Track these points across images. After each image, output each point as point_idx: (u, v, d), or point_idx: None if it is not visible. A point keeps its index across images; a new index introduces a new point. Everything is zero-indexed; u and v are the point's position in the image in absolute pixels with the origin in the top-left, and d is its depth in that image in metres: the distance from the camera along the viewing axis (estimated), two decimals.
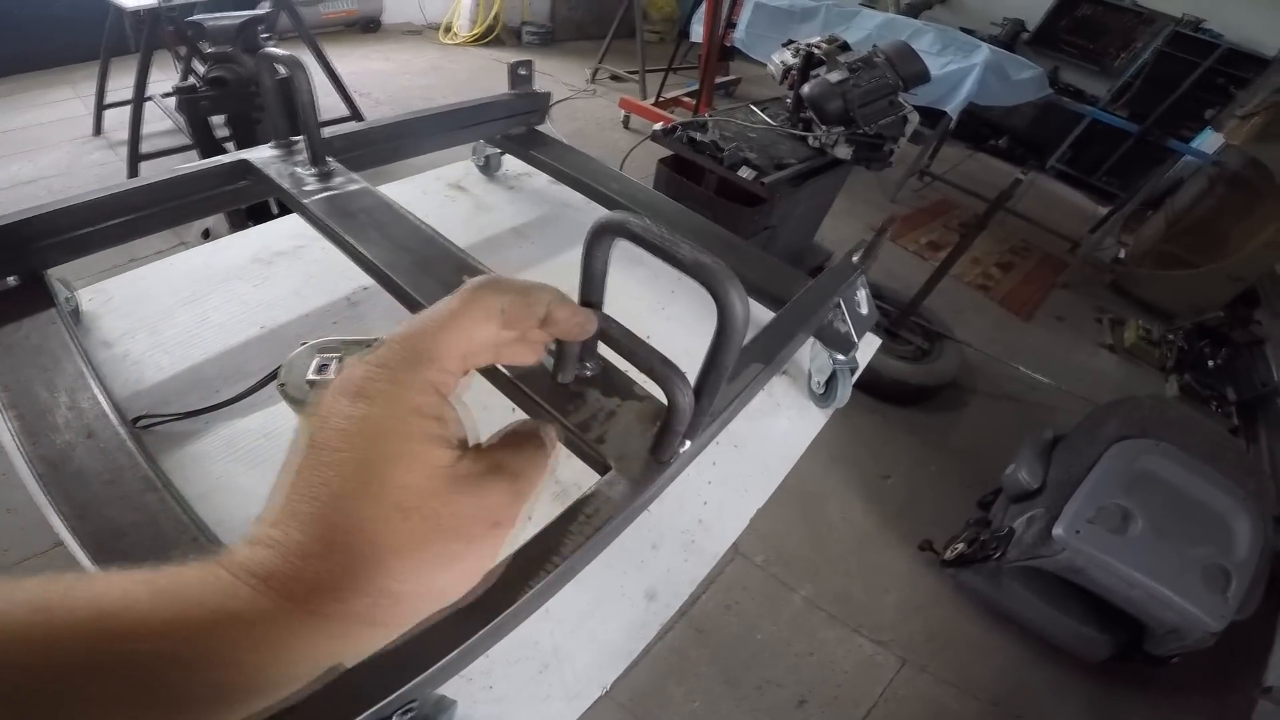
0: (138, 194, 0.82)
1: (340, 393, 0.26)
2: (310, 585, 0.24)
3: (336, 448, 0.25)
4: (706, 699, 1.74)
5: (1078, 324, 3.71)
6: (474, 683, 0.63)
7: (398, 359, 0.27)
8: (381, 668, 0.43)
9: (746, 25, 3.77)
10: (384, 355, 0.27)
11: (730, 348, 0.41)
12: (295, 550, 0.24)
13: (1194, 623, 1.61)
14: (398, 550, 0.25)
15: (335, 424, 0.25)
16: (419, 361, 0.27)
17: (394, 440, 0.25)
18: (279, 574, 0.23)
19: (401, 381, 0.26)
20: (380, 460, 0.25)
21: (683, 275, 0.39)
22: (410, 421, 0.26)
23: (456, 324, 0.28)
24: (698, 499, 0.85)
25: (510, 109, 1.20)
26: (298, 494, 0.25)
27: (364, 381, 0.26)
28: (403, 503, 0.25)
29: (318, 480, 0.24)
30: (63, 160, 3.11)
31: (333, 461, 0.25)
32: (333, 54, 3.47)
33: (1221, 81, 4.69)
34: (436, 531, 0.26)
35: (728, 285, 0.38)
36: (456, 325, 0.28)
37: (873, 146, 2.25)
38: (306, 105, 0.82)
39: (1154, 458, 1.85)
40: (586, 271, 0.44)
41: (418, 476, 0.26)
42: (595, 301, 0.45)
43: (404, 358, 0.27)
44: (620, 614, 0.73)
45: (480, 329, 0.29)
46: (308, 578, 0.24)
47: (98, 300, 0.93)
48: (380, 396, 0.26)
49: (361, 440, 0.25)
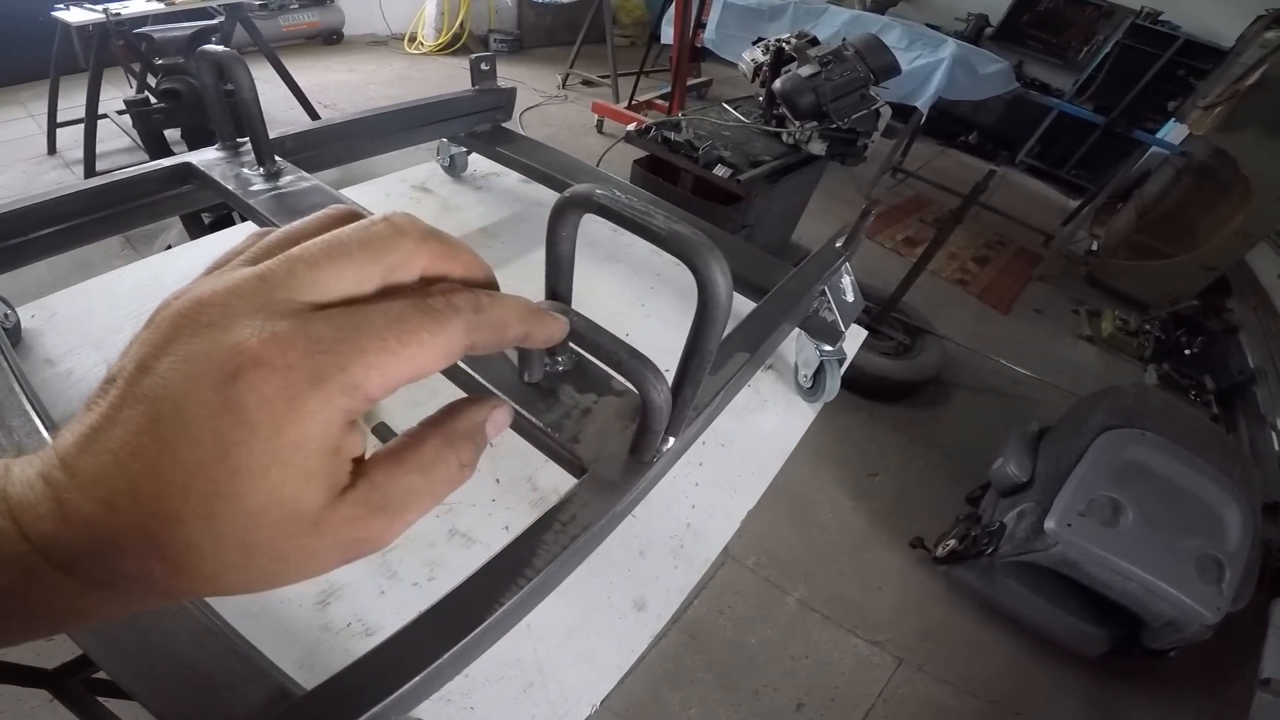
0: (72, 200, 0.76)
1: (213, 371, 0.19)
2: (82, 555, 0.19)
3: (188, 432, 0.19)
4: (703, 706, 1.70)
5: (1056, 316, 3.73)
6: (453, 704, 0.60)
7: (306, 372, 0.20)
8: (345, 691, 0.39)
9: (716, 25, 3.77)
10: (286, 353, 0.20)
11: (714, 327, 0.37)
12: (82, 521, 0.19)
13: (1190, 615, 1.59)
14: (215, 574, 0.20)
15: (196, 401, 0.19)
16: (336, 389, 0.20)
17: (259, 476, 0.20)
18: (53, 536, 0.19)
19: (302, 410, 0.20)
20: (230, 485, 0.19)
21: (661, 271, 0.35)
22: (292, 458, 0.20)
23: (403, 349, 0.22)
24: (685, 501, 0.81)
25: (474, 105, 1.15)
26: (115, 460, 0.19)
27: (247, 381, 0.19)
28: (246, 540, 0.20)
29: (149, 455, 0.19)
30: (18, 181, 3.01)
31: (179, 450, 0.19)
32: (295, 67, 3.42)
33: (1182, 73, 4.78)
34: (271, 566, 0.21)
35: (708, 257, 0.34)
36: (402, 350, 0.21)
37: (846, 141, 2.24)
38: (249, 102, 0.77)
39: (1141, 447, 1.84)
40: (552, 255, 0.39)
41: (274, 519, 0.20)
42: (563, 290, 0.41)
43: (314, 373, 0.20)
44: (608, 627, 0.69)
45: (433, 365, 0.23)
46: (82, 547, 0.19)
47: (40, 317, 0.89)
48: (263, 413, 0.19)
49: (220, 447, 0.19)
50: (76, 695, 0.87)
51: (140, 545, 0.19)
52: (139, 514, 0.19)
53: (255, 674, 0.46)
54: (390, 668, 0.40)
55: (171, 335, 0.20)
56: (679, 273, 0.32)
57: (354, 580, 0.66)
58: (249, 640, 0.49)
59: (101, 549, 0.19)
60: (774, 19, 3.65)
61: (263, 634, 0.55)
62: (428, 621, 0.41)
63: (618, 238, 1.18)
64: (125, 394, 0.20)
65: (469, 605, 0.41)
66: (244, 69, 0.77)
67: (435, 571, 0.68)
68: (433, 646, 0.40)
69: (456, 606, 0.41)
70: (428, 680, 0.40)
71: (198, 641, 0.46)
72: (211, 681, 0.45)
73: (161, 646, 0.46)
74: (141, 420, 0.19)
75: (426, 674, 0.40)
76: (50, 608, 0.20)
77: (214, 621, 0.48)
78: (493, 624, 0.41)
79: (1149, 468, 1.80)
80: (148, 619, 0.47)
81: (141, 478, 0.19)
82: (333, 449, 0.21)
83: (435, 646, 0.40)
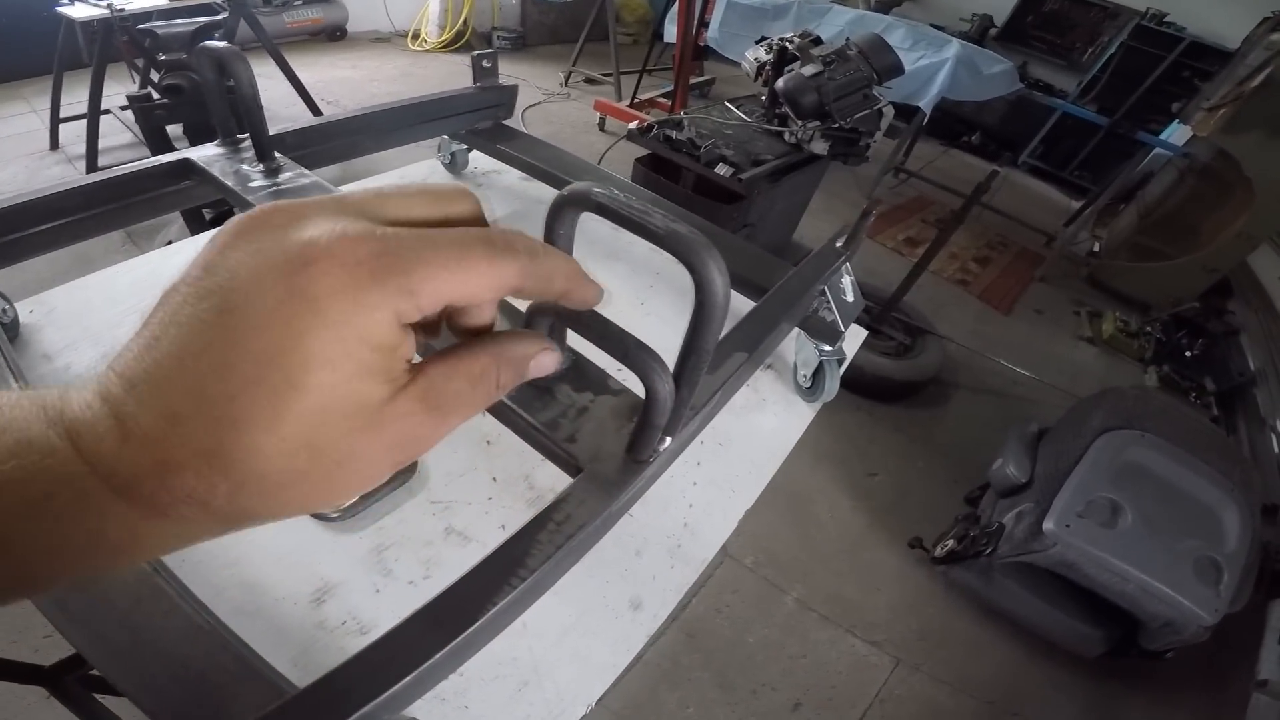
0: (70, 195, 0.76)
1: (284, 261, 0.20)
2: (143, 475, 0.19)
3: (259, 321, 0.19)
4: (700, 705, 1.69)
5: (1056, 317, 3.73)
6: (447, 702, 0.60)
7: (371, 269, 0.20)
8: (337, 689, 0.39)
9: (719, 24, 3.75)
10: (356, 249, 0.20)
11: (711, 327, 0.37)
12: (142, 436, 0.19)
13: (1188, 616, 1.59)
14: (278, 485, 0.20)
15: (266, 288, 0.19)
16: (395, 289, 0.21)
17: (329, 367, 0.20)
18: (113, 455, 0.19)
19: (364, 302, 0.20)
20: (302, 377, 0.19)
21: (661, 270, 0.34)
22: (357, 351, 0.20)
23: (460, 269, 0.22)
24: (683, 501, 0.81)
25: (475, 103, 1.15)
26: (179, 363, 0.19)
27: (318, 269, 0.20)
28: (312, 439, 0.20)
29: (217, 350, 0.19)
30: (20, 176, 3.00)
31: (249, 340, 0.19)
32: (298, 63, 3.41)
33: (1187, 74, 4.76)
34: (333, 469, 0.21)
35: (705, 256, 0.33)
36: (459, 270, 0.22)
37: (849, 141, 2.23)
38: (249, 98, 0.77)
39: (1140, 449, 1.83)
40: None
41: (339, 414, 0.21)
42: None
43: (379, 270, 0.20)
44: (604, 626, 0.69)
45: (484, 292, 0.24)
46: (143, 465, 0.19)
47: (39, 312, 0.89)
48: (332, 301, 0.20)
49: (291, 334, 0.19)
50: (73, 692, 0.87)
51: (203, 460, 0.19)
52: (203, 421, 0.19)
53: (248, 672, 0.46)
54: (383, 666, 0.39)
55: (239, 234, 0.21)
56: (679, 271, 0.32)
57: (349, 578, 0.66)
58: (242, 639, 0.49)
59: (162, 467, 0.19)
60: (777, 18, 3.64)
61: (257, 632, 0.55)
62: (421, 620, 0.41)
63: (617, 236, 1.17)
64: (189, 295, 0.20)
65: (462, 604, 0.40)
66: (244, 64, 0.76)
67: (431, 570, 0.68)
68: (426, 645, 0.40)
69: (450, 605, 0.41)
70: (420, 679, 0.40)
71: (190, 639, 0.46)
72: (204, 679, 0.45)
73: (154, 644, 0.46)
74: (208, 314, 0.19)
75: (419, 673, 0.39)
76: (103, 539, 0.20)
77: (206, 620, 0.48)
78: (486, 623, 0.40)
79: (1148, 469, 1.79)
80: (140, 616, 0.47)
81: (207, 377, 0.19)
82: (393, 345, 0.22)
83: (428, 645, 0.40)
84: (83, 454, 0.19)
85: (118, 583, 0.48)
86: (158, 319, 0.20)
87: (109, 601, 0.47)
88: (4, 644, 1.37)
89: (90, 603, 0.47)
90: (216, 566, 0.63)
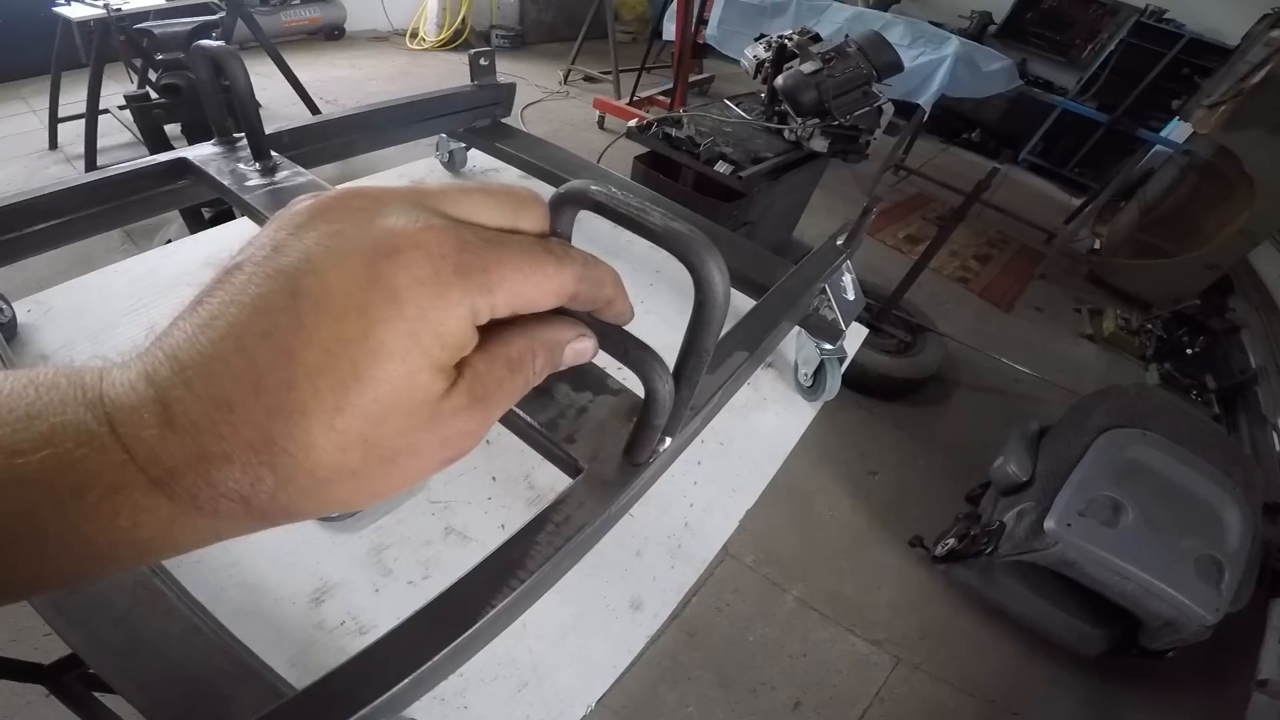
0: (66, 196, 0.76)
1: (370, 247, 0.19)
2: (186, 466, 0.18)
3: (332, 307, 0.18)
4: (700, 703, 1.69)
5: (1057, 314, 3.72)
6: (447, 703, 0.60)
7: (455, 264, 0.20)
8: (336, 691, 0.38)
9: (718, 22, 3.75)
10: (442, 243, 0.20)
11: (710, 327, 0.37)
12: (190, 424, 0.18)
13: (1189, 615, 1.59)
14: (325, 482, 0.20)
15: (346, 274, 0.19)
16: (476, 287, 0.21)
17: (397, 360, 0.19)
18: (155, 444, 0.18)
19: (447, 297, 0.20)
20: (369, 368, 0.19)
21: (661, 268, 0.34)
22: (429, 346, 0.20)
23: (534, 273, 0.23)
24: (683, 500, 0.81)
25: (473, 100, 1.14)
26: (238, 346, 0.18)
27: (405, 258, 0.19)
28: (370, 435, 0.19)
29: (282, 335, 0.18)
30: (19, 176, 3.00)
31: (319, 327, 0.18)
32: (296, 63, 3.40)
33: (1186, 71, 4.75)
34: (384, 466, 0.21)
35: (704, 255, 0.33)
36: (533, 274, 0.23)
37: (848, 138, 2.23)
38: (244, 96, 0.77)
39: (1142, 447, 1.83)
40: None
41: (400, 410, 0.20)
42: None
43: (462, 267, 0.20)
44: (604, 627, 0.68)
45: (548, 299, 0.24)
46: (187, 456, 0.18)
47: (36, 312, 0.88)
48: (413, 293, 0.19)
49: (364, 324, 0.19)
50: (73, 691, 0.87)
51: (252, 452, 0.18)
52: (258, 410, 0.18)
53: (246, 673, 0.46)
54: (382, 668, 0.39)
55: (316, 216, 0.20)
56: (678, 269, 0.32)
57: (348, 578, 0.66)
58: (241, 639, 0.49)
59: (208, 460, 0.18)
60: (776, 15, 3.63)
61: (256, 633, 0.54)
62: (419, 622, 0.41)
63: (617, 234, 1.16)
64: (255, 274, 0.19)
65: (461, 606, 0.40)
66: (239, 63, 0.76)
67: (430, 570, 0.68)
68: (424, 647, 0.40)
69: (448, 607, 0.41)
70: (420, 681, 0.40)
71: (188, 640, 0.46)
72: (201, 680, 0.45)
73: (151, 645, 0.45)
74: (276, 297, 0.18)
75: (418, 674, 0.39)
76: (136, 534, 0.18)
77: (204, 621, 0.47)
78: (485, 625, 0.40)
79: (1150, 467, 1.79)
80: (138, 617, 0.47)
81: (269, 364, 0.18)
82: (464, 344, 0.22)
83: (427, 647, 0.39)
84: (122, 441, 0.18)
85: (115, 583, 0.48)
86: (218, 299, 0.19)
87: (106, 602, 0.47)
88: (4, 642, 1.37)
89: (87, 603, 0.46)
90: (216, 566, 0.63)
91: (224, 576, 0.63)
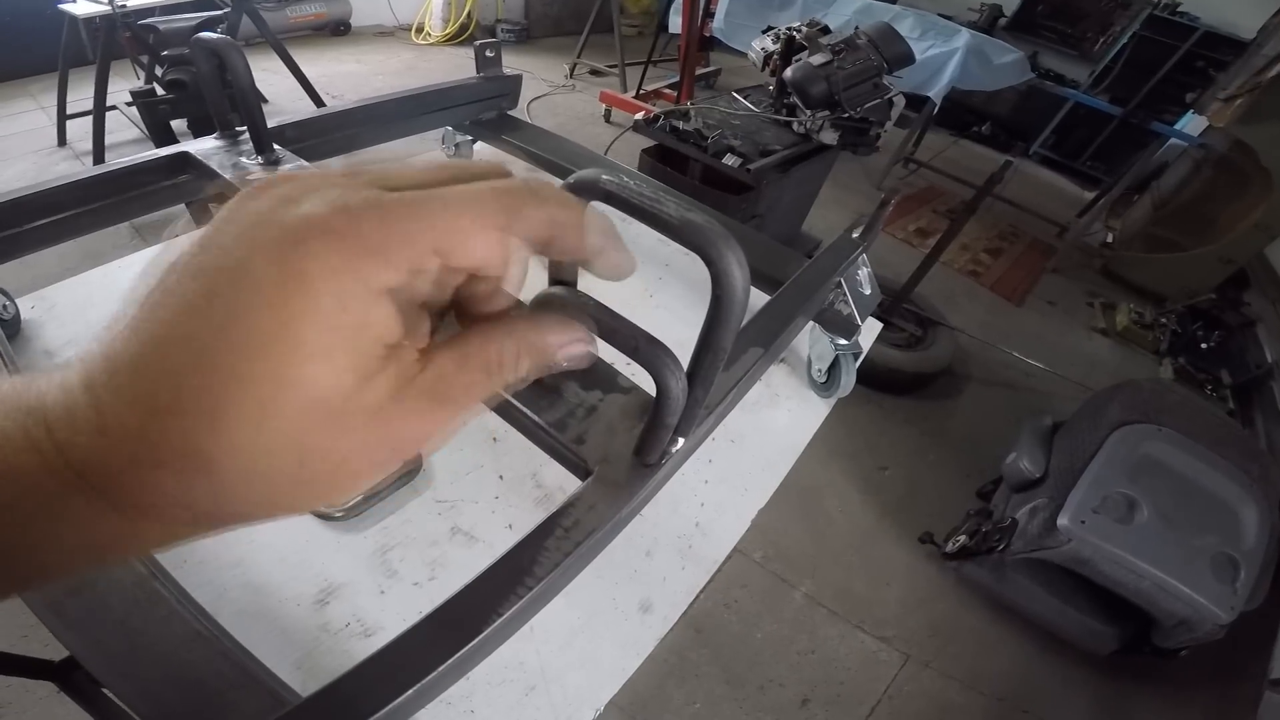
0: (68, 190, 0.75)
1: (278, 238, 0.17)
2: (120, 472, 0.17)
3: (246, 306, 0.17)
4: (708, 700, 1.68)
5: (1069, 308, 3.68)
6: (454, 707, 0.59)
7: (370, 244, 0.18)
8: (340, 700, 0.37)
9: (725, 14, 3.71)
10: (356, 223, 0.18)
11: (729, 323, 0.35)
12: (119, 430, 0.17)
13: (1203, 614, 1.56)
14: (266, 486, 0.18)
15: (256, 270, 0.17)
16: (400, 264, 0.18)
17: (322, 359, 0.18)
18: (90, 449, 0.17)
19: (366, 284, 0.18)
20: (291, 370, 0.17)
21: (670, 260, 0.32)
22: (356, 340, 0.18)
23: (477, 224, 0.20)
24: (694, 500, 0.79)
25: (479, 93, 1.13)
26: (161, 350, 0.17)
27: (312, 246, 0.17)
28: (303, 439, 0.18)
29: (200, 339, 0.17)
30: (28, 172, 3.00)
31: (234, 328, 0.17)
32: (302, 58, 3.39)
33: (1201, 64, 4.69)
34: (327, 470, 0.19)
35: (723, 248, 0.31)
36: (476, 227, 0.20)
37: (859, 130, 2.20)
38: (245, 89, 0.75)
39: (1157, 443, 1.80)
40: None
41: (334, 411, 0.18)
42: (568, 279, 0.39)
43: (380, 245, 0.18)
44: (613, 629, 0.67)
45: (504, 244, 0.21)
46: (120, 462, 0.17)
47: (40, 308, 0.88)
48: (327, 283, 0.17)
49: (280, 321, 0.17)
50: (82, 688, 0.87)
51: (183, 458, 0.17)
52: (183, 415, 0.17)
53: (248, 679, 0.44)
54: (386, 677, 0.38)
55: (241, 204, 0.19)
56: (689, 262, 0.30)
57: (353, 579, 0.65)
58: (244, 643, 0.48)
59: (140, 464, 0.17)
60: (784, 8, 3.59)
61: (259, 635, 0.53)
62: (425, 629, 0.39)
63: (625, 227, 1.14)
64: (182, 273, 0.18)
65: (468, 613, 0.39)
66: (240, 56, 0.75)
67: (436, 571, 0.67)
68: (430, 655, 0.38)
69: (455, 614, 0.40)
70: (426, 689, 0.39)
71: (189, 645, 0.45)
72: (203, 686, 0.44)
73: (151, 650, 0.44)
74: (197, 297, 0.17)
75: (425, 683, 0.38)
76: (87, 537, 0.18)
77: (206, 625, 0.46)
78: (492, 633, 0.39)
79: (1165, 464, 1.76)
80: (138, 620, 0.46)
81: (190, 368, 0.17)
82: (398, 332, 0.19)
83: (433, 656, 0.38)
84: (59, 447, 0.17)
85: (114, 586, 0.47)
86: (152, 300, 0.18)
87: (106, 605, 0.46)
88: (14, 638, 1.37)
89: (86, 607, 0.46)
90: (219, 567, 0.62)
91: (227, 577, 0.62)
